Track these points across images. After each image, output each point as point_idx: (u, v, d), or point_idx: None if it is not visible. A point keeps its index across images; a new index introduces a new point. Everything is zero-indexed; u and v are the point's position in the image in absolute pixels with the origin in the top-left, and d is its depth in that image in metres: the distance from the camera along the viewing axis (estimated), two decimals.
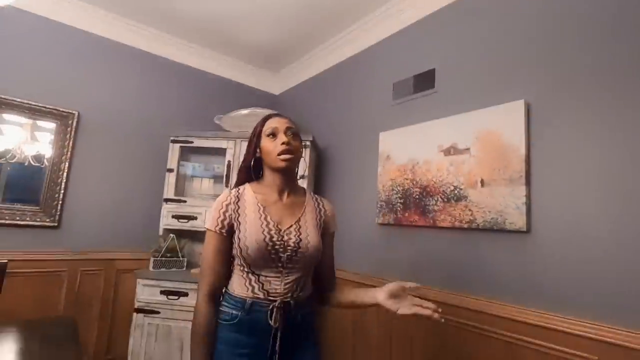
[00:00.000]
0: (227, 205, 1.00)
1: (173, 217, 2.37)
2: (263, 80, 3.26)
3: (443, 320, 0.90)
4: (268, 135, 1.02)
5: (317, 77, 2.84)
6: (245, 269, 0.97)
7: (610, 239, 1.18)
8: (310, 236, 1.02)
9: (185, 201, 2.41)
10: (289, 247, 0.97)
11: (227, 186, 2.38)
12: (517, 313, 1.37)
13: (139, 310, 2.11)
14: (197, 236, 2.52)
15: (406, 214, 1.86)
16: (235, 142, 2.42)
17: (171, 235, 2.33)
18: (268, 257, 0.95)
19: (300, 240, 0.99)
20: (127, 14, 2.44)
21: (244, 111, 2.59)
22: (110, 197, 2.42)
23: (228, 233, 0.99)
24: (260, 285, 0.96)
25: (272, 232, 0.97)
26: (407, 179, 1.88)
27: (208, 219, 1.01)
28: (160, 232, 2.38)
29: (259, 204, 1.01)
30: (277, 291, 0.96)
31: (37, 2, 2.19)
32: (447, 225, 1.67)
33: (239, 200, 1.02)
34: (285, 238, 0.98)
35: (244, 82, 3.16)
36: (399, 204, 1.91)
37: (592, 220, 1.23)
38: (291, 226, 1.01)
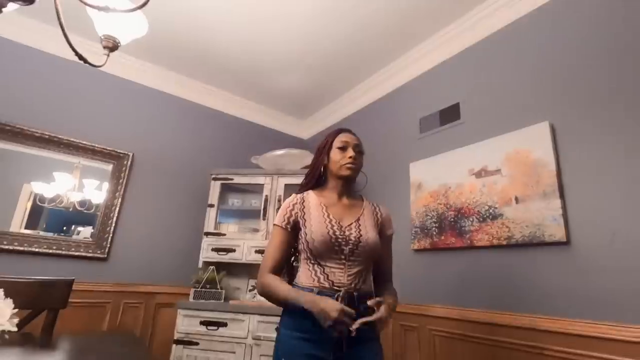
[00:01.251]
0: (294, 205, 1.14)
1: (212, 250, 2.48)
2: (293, 127, 3.54)
3: None
4: (339, 148, 1.18)
5: (344, 120, 3.08)
6: (312, 261, 1.07)
7: None
8: (369, 233, 1.12)
9: (224, 234, 2.53)
10: (350, 241, 1.08)
11: (264, 219, 2.51)
12: (570, 326, 1.35)
13: (179, 342, 2.13)
14: (234, 270, 2.59)
15: (442, 237, 1.91)
16: (272, 177, 2.60)
17: (211, 267, 2.41)
18: (332, 249, 1.05)
19: (361, 235, 1.10)
20: (176, 69, 2.81)
21: (279, 152, 2.80)
22: (155, 231, 2.57)
23: (292, 229, 1.11)
24: (326, 276, 1.04)
25: (335, 228, 1.08)
26: (440, 204, 1.97)
27: (276, 217, 1.14)
28: (200, 265, 2.47)
29: (322, 205, 1.14)
30: (342, 281, 1.04)
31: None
32: (485, 244, 1.71)
33: (304, 201, 1.16)
34: (347, 233, 1.09)
35: (276, 127, 3.44)
36: (434, 228, 1.97)
37: (629, 227, 1.28)
38: (351, 224, 1.12)
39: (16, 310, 0.84)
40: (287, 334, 1.01)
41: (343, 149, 1.18)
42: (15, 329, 0.82)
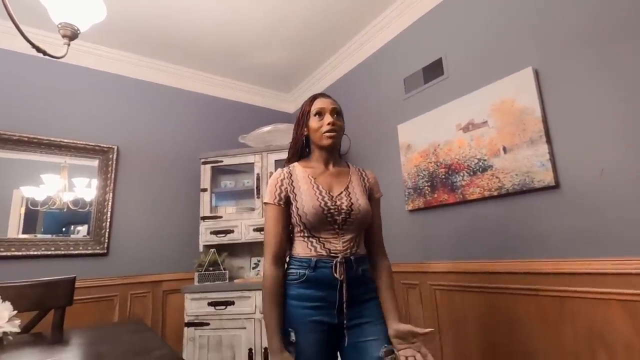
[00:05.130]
0: (281, 180, 1.13)
1: (211, 233, 2.49)
2: (278, 101, 3.48)
3: None
4: (315, 115, 1.14)
5: (329, 88, 3.02)
6: (306, 234, 1.08)
7: (637, 179, 1.23)
8: (360, 200, 1.12)
9: (221, 217, 2.53)
10: (342, 211, 1.08)
11: (258, 198, 2.51)
12: (563, 265, 1.39)
13: (189, 324, 2.19)
14: (235, 250, 2.63)
15: (435, 195, 1.93)
16: (262, 155, 2.57)
17: (212, 250, 2.43)
18: (325, 220, 1.06)
19: (352, 204, 1.09)
20: (151, 55, 2.71)
21: (266, 128, 2.75)
22: (152, 221, 2.58)
23: (285, 204, 1.10)
24: (322, 244, 1.06)
25: (326, 199, 1.08)
26: (430, 162, 1.97)
27: (266, 195, 1.13)
28: (201, 249, 2.50)
29: (309, 176, 1.13)
30: (337, 248, 1.06)
31: (75, 55, 2.46)
32: (477, 197, 1.73)
33: (291, 175, 1.14)
34: (338, 203, 1.09)
35: (262, 104, 3.38)
36: (426, 187, 1.98)
37: (616, 163, 1.29)
38: (341, 192, 1.12)
39: (15, 312, 0.85)
40: (291, 304, 1.03)
41: (319, 115, 1.14)
42: (18, 330, 0.83)
